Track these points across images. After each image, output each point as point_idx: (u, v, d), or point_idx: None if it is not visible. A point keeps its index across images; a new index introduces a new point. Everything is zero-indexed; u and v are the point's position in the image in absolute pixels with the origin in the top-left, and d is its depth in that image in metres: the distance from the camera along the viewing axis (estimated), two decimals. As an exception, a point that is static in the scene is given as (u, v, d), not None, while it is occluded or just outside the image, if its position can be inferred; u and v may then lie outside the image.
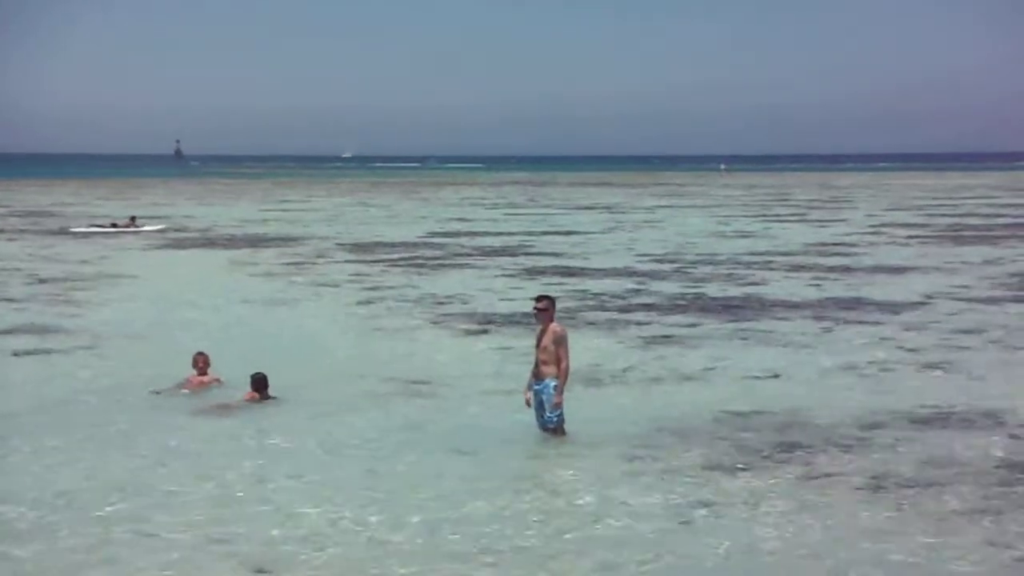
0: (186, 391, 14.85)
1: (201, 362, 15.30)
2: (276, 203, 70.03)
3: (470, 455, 11.96)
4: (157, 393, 14.73)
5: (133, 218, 46.10)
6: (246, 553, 9.15)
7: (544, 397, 12.27)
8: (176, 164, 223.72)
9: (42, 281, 27.72)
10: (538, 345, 12.28)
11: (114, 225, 44.65)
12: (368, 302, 24.15)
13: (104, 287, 26.77)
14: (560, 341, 12.21)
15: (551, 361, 12.18)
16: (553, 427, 12.34)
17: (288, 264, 32.15)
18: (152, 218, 51.04)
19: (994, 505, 10.22)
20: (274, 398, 14.33)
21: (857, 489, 10.70)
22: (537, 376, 12.29)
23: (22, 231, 44.91)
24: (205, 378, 15.17)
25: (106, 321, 21.33)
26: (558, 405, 12.25)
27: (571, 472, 11.44)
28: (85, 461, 11.81)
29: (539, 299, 12.53)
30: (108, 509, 10.22)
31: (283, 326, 21.15)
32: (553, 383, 12.19)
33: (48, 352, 18.16)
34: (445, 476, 11.23)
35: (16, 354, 17.96)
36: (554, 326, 12.30)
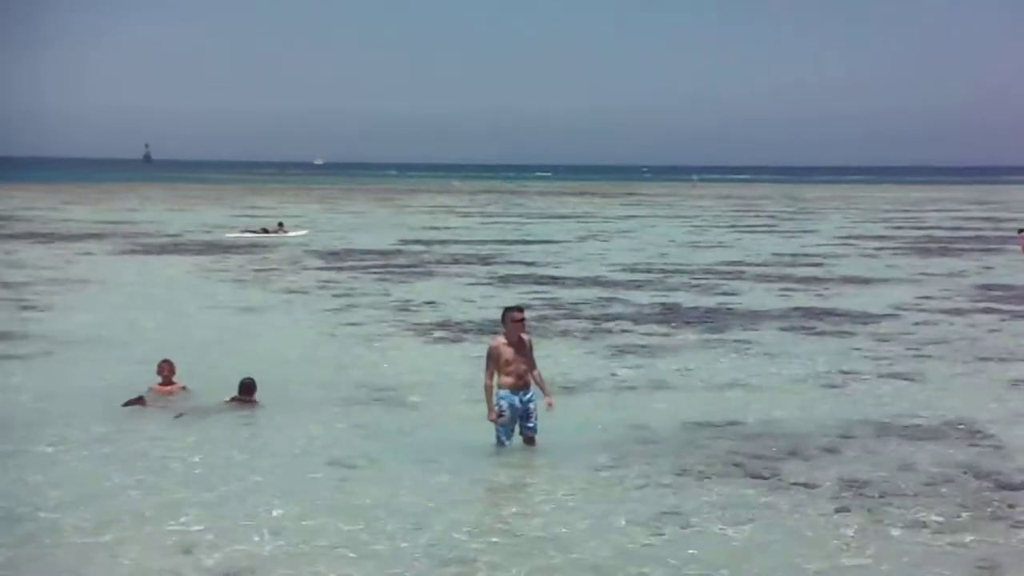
0: (146, 404, 14.43)
1: (166, 370, 15.11)
2: (246, 209, 69.71)
3: (440, 464, 11.93)
4: (136, 399, 14.43)
5: (280, 224, 47.98)
6: (215, 560, 9.09)
7: (532, 406, 12.26)
8: (145, 169, 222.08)
9: (2, 286, 27.39)
10: (513, 356, 12.14)
11: (264, 231, 46.09)
12: (340, 309, 24.06)
13: (68, 293, 26.49)
14: (532, 348, 12.43)
15: (531, 369, 12.28)
16: (534, 435, 12.35)
17: (258, 271, 31.98)
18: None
19: (960, 514, 10.30)
20: (259, 404, 14.31)
21: (826, 498, 10.76)
22: (523, 387, 12.19)
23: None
24: (170, 386, 15.02)
25: (68, 328, 21.05)
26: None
27: (541, 482, 11.44)
28: (48, 470, 11.68)
29: (520, 309, 12.49)
30: (72, 518, 10.11)
31: (252, 333, 21.03)
32: (537, 391, 12.31)
33: (6, 358, 17.87)
34: (416, 485, 11.20)
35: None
36: (525, 335, 12.39)
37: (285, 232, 46.09)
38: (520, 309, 12.51)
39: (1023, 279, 30.48)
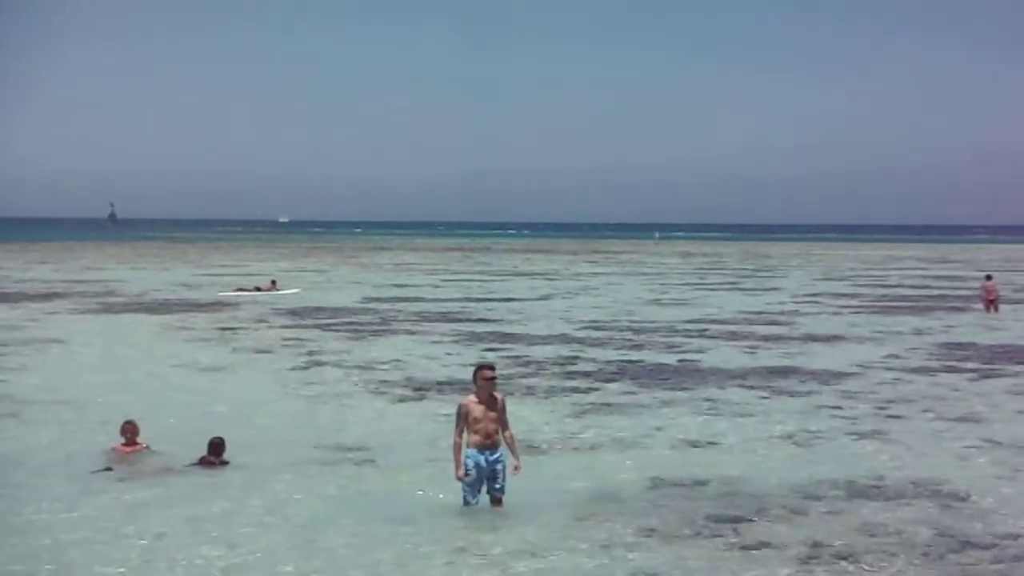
0: (110, 466, 14.22)
1: (129, 431, 15.03)
2: (211, 268, 69.42)
3: (405, 524, 11.86)
4: (103, 470, 14.15)
5: (273, 282, 48.31)
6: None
7: (500, 466, 12.19)
8: (110, 228, 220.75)
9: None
10: (483, 414, 12.08)
11: (258, 289, 46.33)
12: (304, 368, 23.93)
13: (32, 353, 26.20)
14: (505, 408, 12.32)
15: (501, 429, 12.18)
16: (502, 496, 12.28)
17: (223, 329, 31.79)
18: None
19: (927, 575, 10.32)
20: (227, 463, 14.25)
21: (792, 559, 10.76)
22: (491, 446, 12.11)
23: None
24: (133, 447, 14.88)
25: (32, 388, 20.84)
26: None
27: (507, 541, 11.37)
28: (9, 537, 11.48)
29: (491, 368, 12.48)
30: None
31: (217, 393, 20.85)
32: (506, 452, 12.19)
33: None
34: (381, 545, 11.13)
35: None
36: (498, 394, 12.34)
37: (278, 290, 46.18)
38: (491, 367, 12.50)
39: (987, 338, 30.75)
